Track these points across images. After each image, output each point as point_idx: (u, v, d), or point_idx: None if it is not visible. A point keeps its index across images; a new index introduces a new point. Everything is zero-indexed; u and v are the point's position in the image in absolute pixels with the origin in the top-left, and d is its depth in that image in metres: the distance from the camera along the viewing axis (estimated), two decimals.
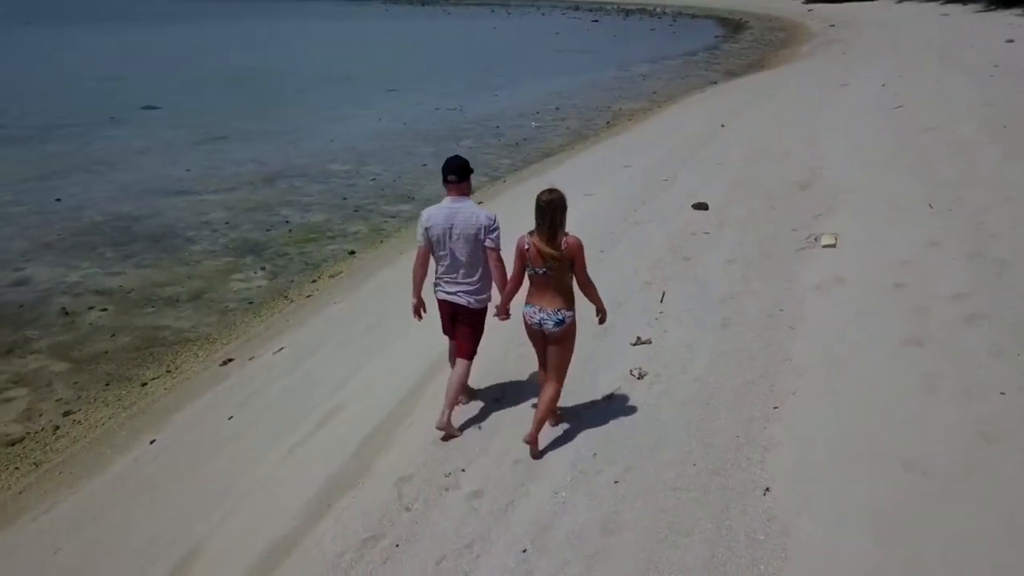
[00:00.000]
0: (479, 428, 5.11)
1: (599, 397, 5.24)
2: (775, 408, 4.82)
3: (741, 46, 43.25)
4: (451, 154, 4.93)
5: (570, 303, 4.52)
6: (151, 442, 6.01)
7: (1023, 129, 11.77)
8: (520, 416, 5.11)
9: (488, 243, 4.74)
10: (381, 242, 11.00)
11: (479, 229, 4.72)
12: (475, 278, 4.85)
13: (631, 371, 5.57)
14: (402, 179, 14.66)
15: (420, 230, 4.84)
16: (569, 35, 54.36)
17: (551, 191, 4.36)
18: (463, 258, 4.78)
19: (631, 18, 75.71)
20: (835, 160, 11.21)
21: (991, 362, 4.97)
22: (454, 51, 44.17)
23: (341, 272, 9.69)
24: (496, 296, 4.86)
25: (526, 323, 4.62)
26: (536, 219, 4.36)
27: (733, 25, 61.22)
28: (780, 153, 12.20)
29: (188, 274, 9.86)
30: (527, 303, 4.58)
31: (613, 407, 5.09)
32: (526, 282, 4.58)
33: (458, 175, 4.77)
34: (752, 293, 6.72)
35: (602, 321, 4.72)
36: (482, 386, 5.61)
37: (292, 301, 8.90)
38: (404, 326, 7.29)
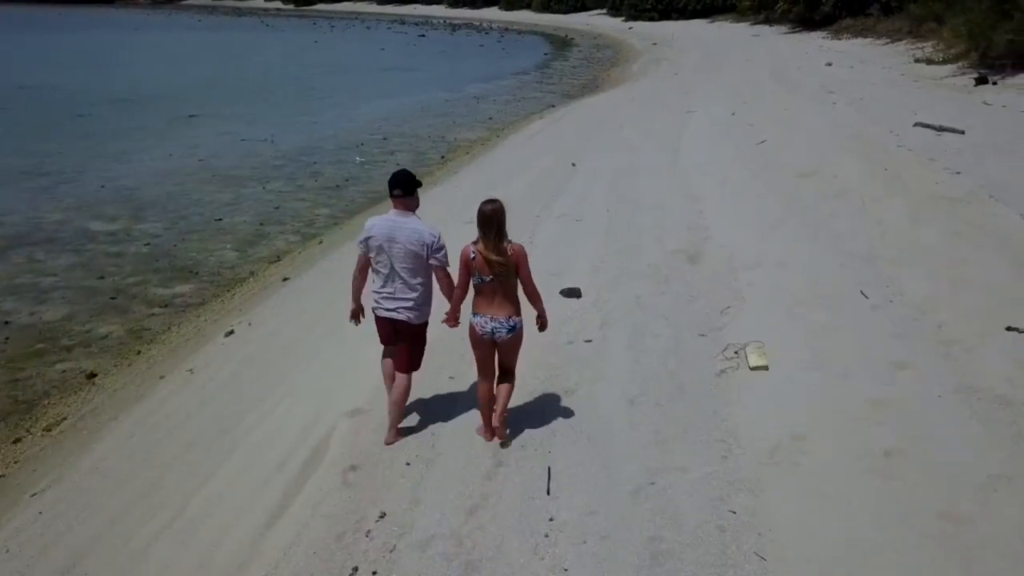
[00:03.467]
0: None
1: None
2: None
3: (571, 64, 42.55)
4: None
5: (519, 309, 4.69)
6: None
7: (904, 172, 10.61)
8: None
9: (434, 262, 4.78)
10: (138, 353, 7.84)
11: (422, 247, 4.74)
12: (414, 294, 4.84)
13: None
14: (186, 242, 11.42)
15: (361, 238, 4.87)
16: (396, 51, 51.74)
17: (492, 201, 4.52)
18: (402, 272, 4.80)
19: (458, 33, 74.28)
20: (718, 217, 9.40)
21: None
22: (271, 68, 40.16)
23: (64, 420, 6.46)
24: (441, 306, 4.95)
25: (476, 332, 4.70)
26: (480, 228, 4.51)
27: (560, 42, 61.19)
28: (649, 206, 10.30)
29: None
30: (476, 312, 4.69)
31: None
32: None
33: (403, 189, 4.79)
34: (680, 472, 4.48)
35: (542, 328, 4.88)
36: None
37: None
38: (150, 534, 4.35)
